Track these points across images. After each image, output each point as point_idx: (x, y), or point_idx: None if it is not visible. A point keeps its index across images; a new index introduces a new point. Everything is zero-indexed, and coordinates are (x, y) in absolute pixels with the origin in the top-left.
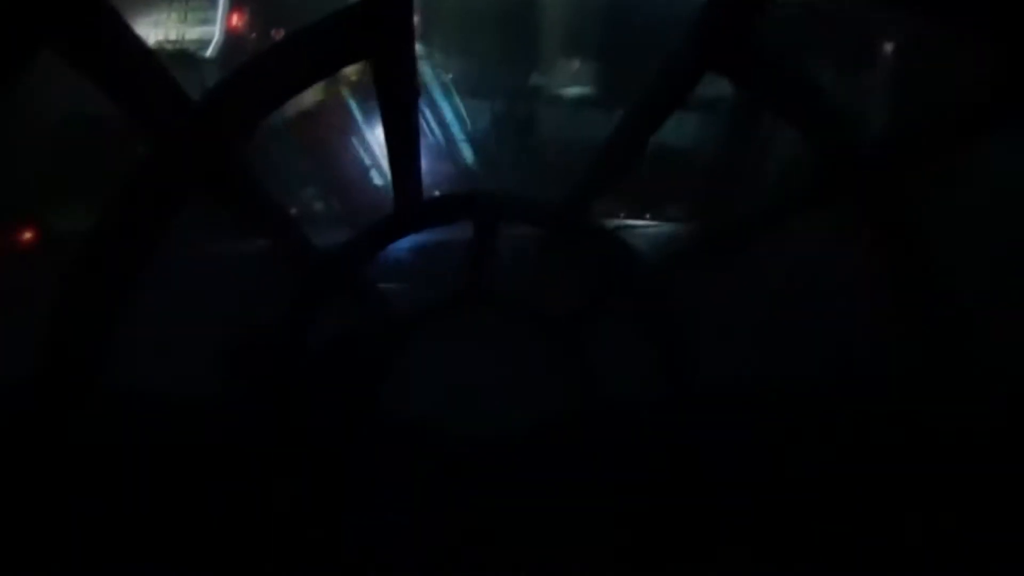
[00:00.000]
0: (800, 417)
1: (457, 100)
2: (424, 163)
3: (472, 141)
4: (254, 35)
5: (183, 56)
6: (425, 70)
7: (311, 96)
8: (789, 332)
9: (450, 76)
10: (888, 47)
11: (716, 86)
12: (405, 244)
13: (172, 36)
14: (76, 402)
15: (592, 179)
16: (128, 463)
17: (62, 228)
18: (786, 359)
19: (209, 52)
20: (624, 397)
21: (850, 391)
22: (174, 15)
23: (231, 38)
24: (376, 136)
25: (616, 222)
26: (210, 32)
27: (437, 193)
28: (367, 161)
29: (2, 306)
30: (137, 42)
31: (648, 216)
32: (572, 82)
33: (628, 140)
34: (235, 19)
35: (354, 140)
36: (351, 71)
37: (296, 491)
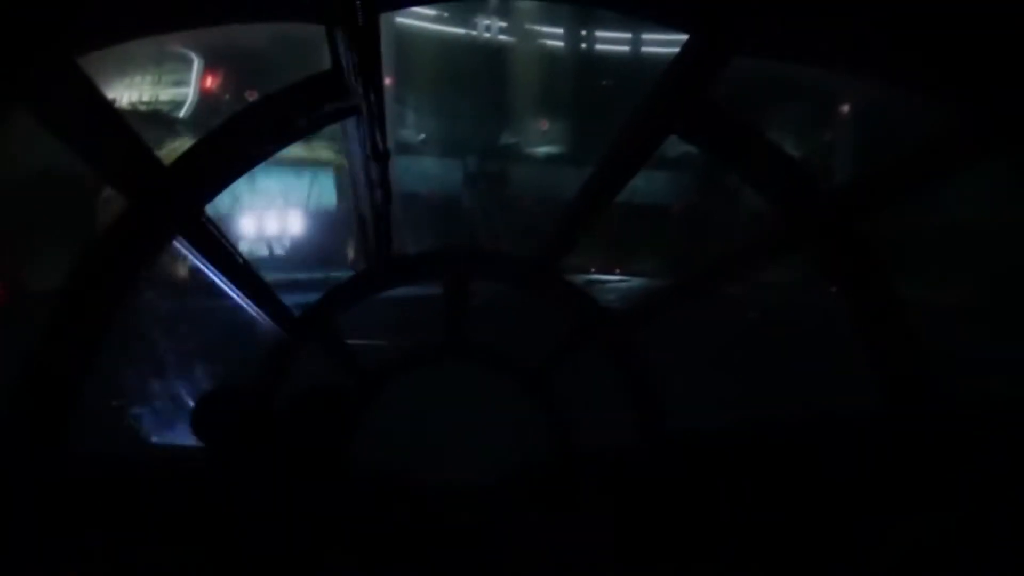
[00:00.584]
0: (772, 458)
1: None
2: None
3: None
4: (227, 96)
5: (157, 116)
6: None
7: None
8: (760, 376)
9: (422, 136)
10: (845, 108)
11: (682, 143)
12: (378, 299)
13: (146, 97)
14: (45, 459)
15: (560, 235)
16: (96, 519)
17: (32, 285)
18: (757, 403)
19: (183, 113)
20: (596, 446)
21: (818, 433)
22: (149, 77)
23: (205, 99)
24: None
25: (586, 277)
26: (184, 93)
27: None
28: None
29: None
30: (108, 105)
31: (617, 270)
32: (542, 141)
33: (595, 197)
34: (209, 81)
35: None
36: None
37: (268, 543)
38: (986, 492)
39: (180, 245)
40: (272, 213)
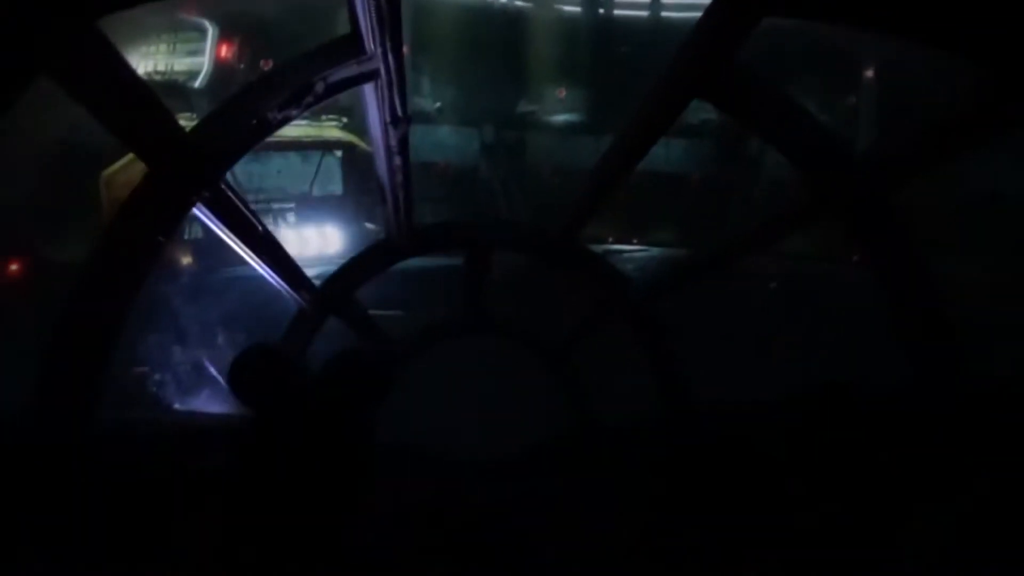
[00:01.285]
0: (793, 433)
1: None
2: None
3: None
4: (242, 65)
5: (172, 86)
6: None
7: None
8: (784, 350)
9: (438, 104)
10: (870, 71)
11: (703, 111)
12: (398, 270)
13: (161, 67)
14: (79, 427)
15: (580, 205)
16: (130, 486)
17: (51, 258)
18: (779, 376)
19: (198, 83)
20: (617, 418)
21: (845, 407)
22: (163, 46)
23: (220, 69)
24: None
25: (606, 247)
26: (199, 63)
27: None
28: None
29: None
30: (130, 72)
31: (636, 240)
32: (560, 109)
33: (616, 166)
34: (224, 50)
35: None
36: None
37: (294, 512)
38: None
39: (200, 213)
40: (277, 201)
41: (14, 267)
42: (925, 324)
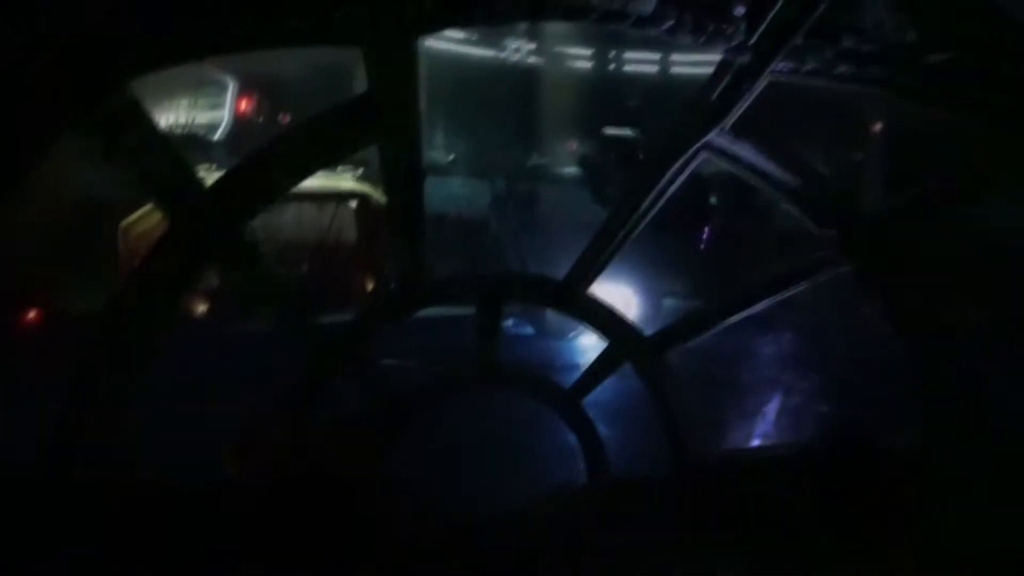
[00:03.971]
0: (811, 485)
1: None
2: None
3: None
4: (262, 119)
5: (193, 140)
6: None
7: None
8: (797, 400)
9: (451, 157)
10: (878, 127)
11: (712, 162)
12: (409, 320)
13: (182, 120)
14: (83, 487)
15: (591, 257)
16: (133, 547)
17: (65, 309)
18: (794, 427)
19: (218, 136)
20: (632, 471)
21: (861, 459)
22: (185, 100)
23: (240, 123)
24: None
25: (617, 297)
26: (219, 117)
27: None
28: None
29: (5, 386)
30: (155, 127)
31: (650, 291)
32: (570, 162)
33: (627, 218)
34: (244, 104)
35: None
36: None
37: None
38: None
39: (216, 268)
40: (291, 251)
41: (32, 316)
42: (943, 378)
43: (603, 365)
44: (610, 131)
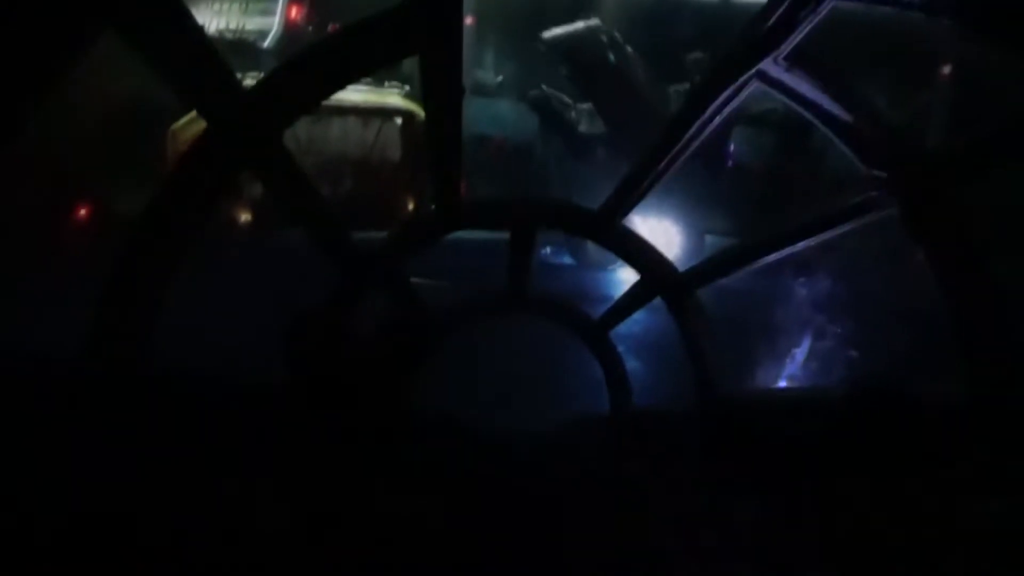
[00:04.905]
0: (831, 431)
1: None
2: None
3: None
4: (311, 28)
5: (242, 45)
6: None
7: None
8: (831, 347)
9: (500, 78)
10: (946, 67)
11: (767, 100)
12: (443, 241)
13: (232, 25)
14: (124, 378)
15: (630, 186)
16: (175, 436)
17: (118, 207)
18: (823, 371)
19: (267, 43)
20: (653, 402)
21: (890, 406)
22: (236, 5)
23: (289, 30)
24: None
25: (655, 230)
26: (269, 23)
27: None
28: None
29: (59, 281)
30: (194, 27)
31: (691, 226)
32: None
33: (670, 148)
34: (294, 12)
35: None
36: None
37: (333, 473)
38: None
39: (255, 174)
40: (333, 164)
41: (83, 212)
42: (985, 330)
43: (633, 298)
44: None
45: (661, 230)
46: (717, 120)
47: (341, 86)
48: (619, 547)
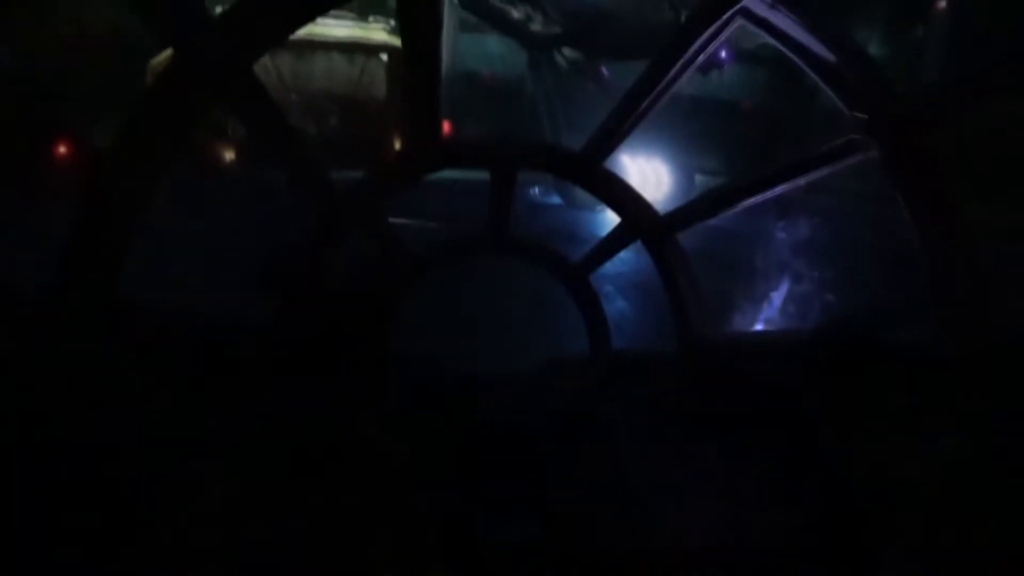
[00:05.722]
0: (807, 371)
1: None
2: None
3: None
4: None
5: None
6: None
7: None
8: (811, 287)
9: None
10: (942, 2)
11: (761, 36)
12: (424, 181)
13: None
14: (95, 308)
15: (612, 127)
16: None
17: (97, 142)
18: (803, 315)
19: None
20: (633, 345)
21: (860, 348)
22: None
23: None
24: None
25: (641, 169)
26: None
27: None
28: None
29: (37, 215)
30: None
31: (676, 166)
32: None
33: (653, 87)
34: None
35: None
36: None
37: (306, 411)
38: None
39: (227, 106)
40: (317, 101)
41: (63, 149)
42: (955, 270)
43: (614, 241)
44: None
45: (651, 169)
46: (701, 58)
47: (311, 17)
48: (593, 483)
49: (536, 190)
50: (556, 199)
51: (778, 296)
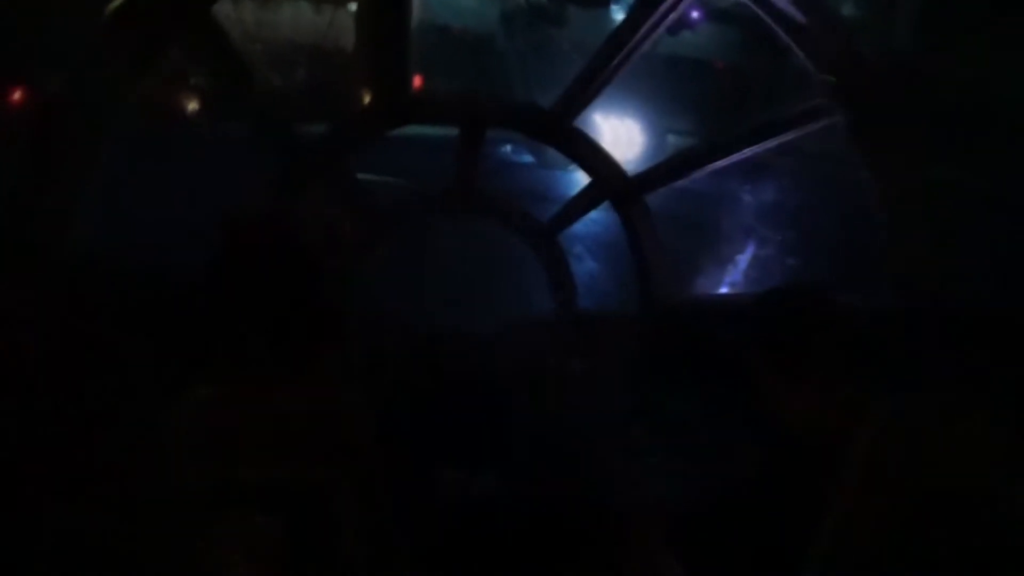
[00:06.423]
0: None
1: None
2: None
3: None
4: None
5: None
6: None
7: None
8: (777, 250)
9: None
10: None
11: None
12: (389, 136)
13: None
14: (42, 255)
15: (582, 85)
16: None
17: (51, 88)
18: (769, 278)
19: None
20: (598, 306)
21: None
22: None
23: None
24: None
25: (613, 129)
26: None
27: None
28: None
29: None
30: None
31: (648, 125)
32: None
33: (624, 45)
34: None
35: None
36: None
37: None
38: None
39: (184, 50)
40: (283, 51)
41: (16, 96)
42: (913, 234)
43: (582, 201)
44: None
45: (623, 129)
46: (672, 17)
47: None
48: (554, 441)
49: (508, 148)
50: (528, 158)
51: (742, 260)
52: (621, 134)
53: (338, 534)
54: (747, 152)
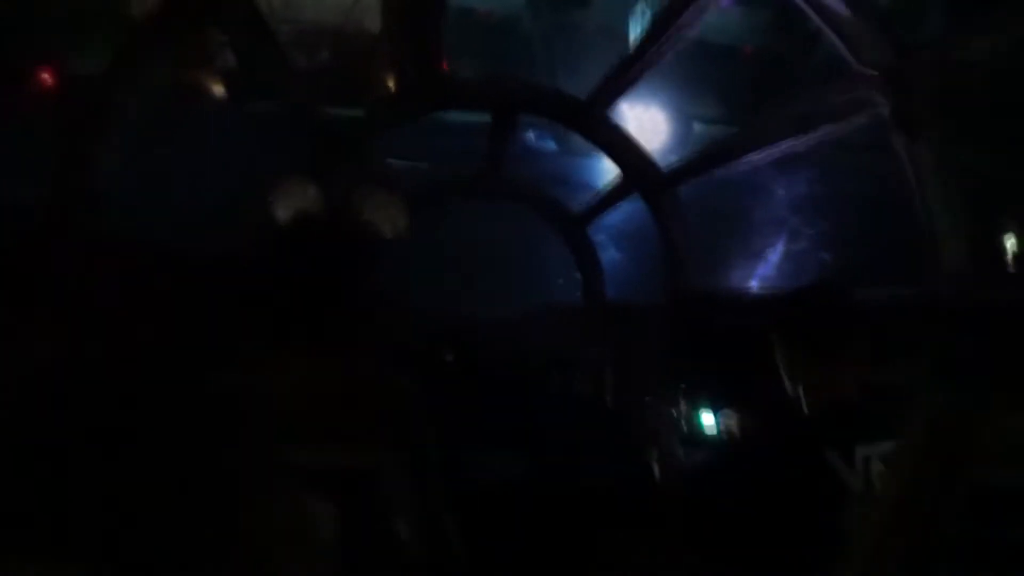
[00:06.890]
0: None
1: None
2: None
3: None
4: None
5: None
6: None
7: None
8: (807, 242)
9: None
10: None
11: None
12: (420, 120)
13: None
14: (75, 231)
15: (619, 75)
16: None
17: (81, 70)
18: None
19: None
20: (626, 296)
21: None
22: None
23: None
24: None
25: (642, 118)
26: None
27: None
28: None
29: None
30: None
31: (677, 114)
32: None
33: (664, 31)
34: None
35: None
36: None
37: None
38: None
39: (221, 31)
40: (309, 35)
41: (45, 76)
42: (958, 224)
43: (613, 192)
44: None
45: (648, 117)
46: (710, 6)
47: None
48: (581, 426)
49: (532, 134)
50: (551, 144)
51: (773, 255)
52: (646, 121)
53: (391, 519)
54: (784, 146)
